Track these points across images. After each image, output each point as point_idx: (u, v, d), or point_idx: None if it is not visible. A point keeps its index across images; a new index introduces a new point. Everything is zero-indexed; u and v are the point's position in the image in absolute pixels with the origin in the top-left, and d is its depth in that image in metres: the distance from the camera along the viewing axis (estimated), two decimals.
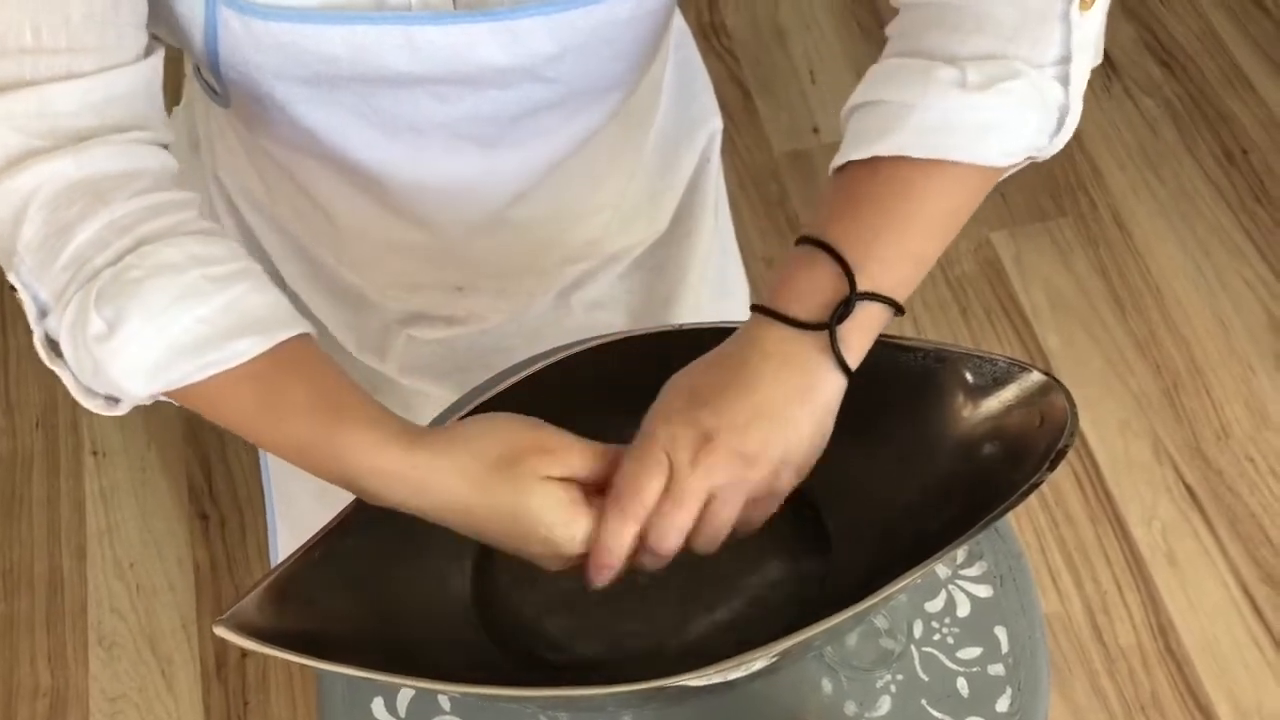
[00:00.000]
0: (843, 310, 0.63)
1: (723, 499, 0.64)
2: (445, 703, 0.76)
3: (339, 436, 0.63)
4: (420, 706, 0.75)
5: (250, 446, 1.57)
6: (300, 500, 1.03)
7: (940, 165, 0.64)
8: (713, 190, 1.07)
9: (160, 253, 0.62)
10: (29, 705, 1.43)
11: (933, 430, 0.70)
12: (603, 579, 0.64)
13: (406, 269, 0.99)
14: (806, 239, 0.65)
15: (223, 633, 0.60)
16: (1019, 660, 0.76)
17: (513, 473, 0.62)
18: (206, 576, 1.50)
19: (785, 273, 0.65)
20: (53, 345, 0.64)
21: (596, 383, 0.75)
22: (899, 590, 0.61)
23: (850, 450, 0.67)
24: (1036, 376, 0.67)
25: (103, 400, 0.65)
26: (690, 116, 1.07)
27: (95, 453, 1.59)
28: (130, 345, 0.61)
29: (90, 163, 0.63)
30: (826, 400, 0.64)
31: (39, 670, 1.45)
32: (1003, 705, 0.75)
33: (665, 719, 0.74)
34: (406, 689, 0.76)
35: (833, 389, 0.64)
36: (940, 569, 0.79)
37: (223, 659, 1.44)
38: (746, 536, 0.67)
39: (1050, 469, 0.62)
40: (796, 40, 1.95)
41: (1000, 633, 0.77)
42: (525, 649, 0.73)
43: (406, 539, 0.70)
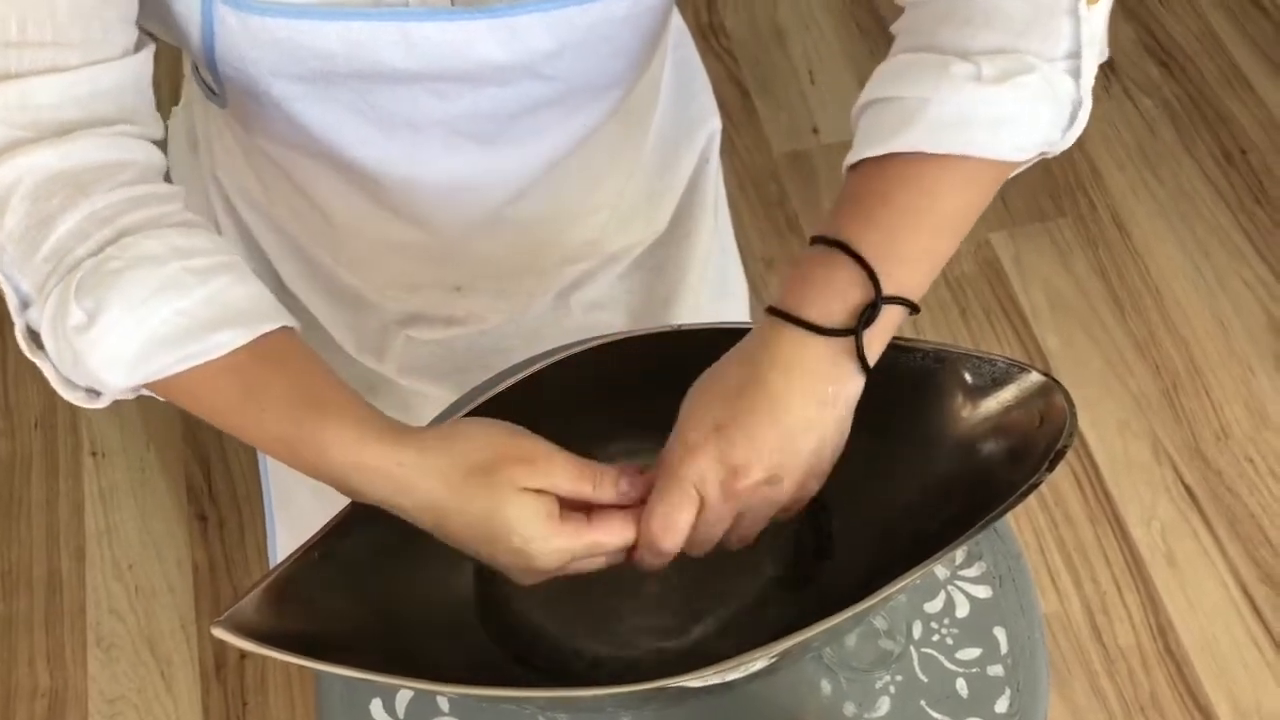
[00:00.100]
0: (868, 314, 0.62)
1: (751, 516, 0.65)
2: (444, 704, 0.75)
3: (321, 431, 0.62)
4: (419, 707, 0.75)
5: (249, 447, 1.57)
6: (299, 500, 1.03)
7: (956, 161, 0.63)
8: (712, 190, 1.07)
9: (141, 244, 0.62)
10: (28, 706, 1.42)
11: (932, 431, 0.70)
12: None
13: (405, 269, 0.98)
14: (823, 239, 0.64)
15: (221, 634, 0.60)
16: (1018, 661, 0.76)
17: (491, 480, 0.62)
18: (205, 577, 1.50)
19: (802, 274, 0.64)
20: (34, 337, 0.64)
21: (596, 383, 0.75)
22: (898, 591, 0.61)
23: (850, 451, 0.66)
24: (1035, 377, 0.67)
25: (83, 393, 0.65)
26: (689, 116, 1.06)
27: (94, 454, 1.59)
28: (109, 336, 0.60)
29: (73, 154, 0.63)
30: (848, 402, 0.64)
31: (38, 671, 1.45)
32: (1002, 706, 0.74)
33: None
34: (405, 690, 0.76)
35: (854, 390, 0.64)
36: (939, 569, 0.79)
37: (222, 660, 1.44)
38: None
39: (1049, 469, 0.62)
40: (795, 40, 1.95)
41: (999, 633, 0.77)
42: (524, 650, 0.73)
43: (405, 540, 0.70)
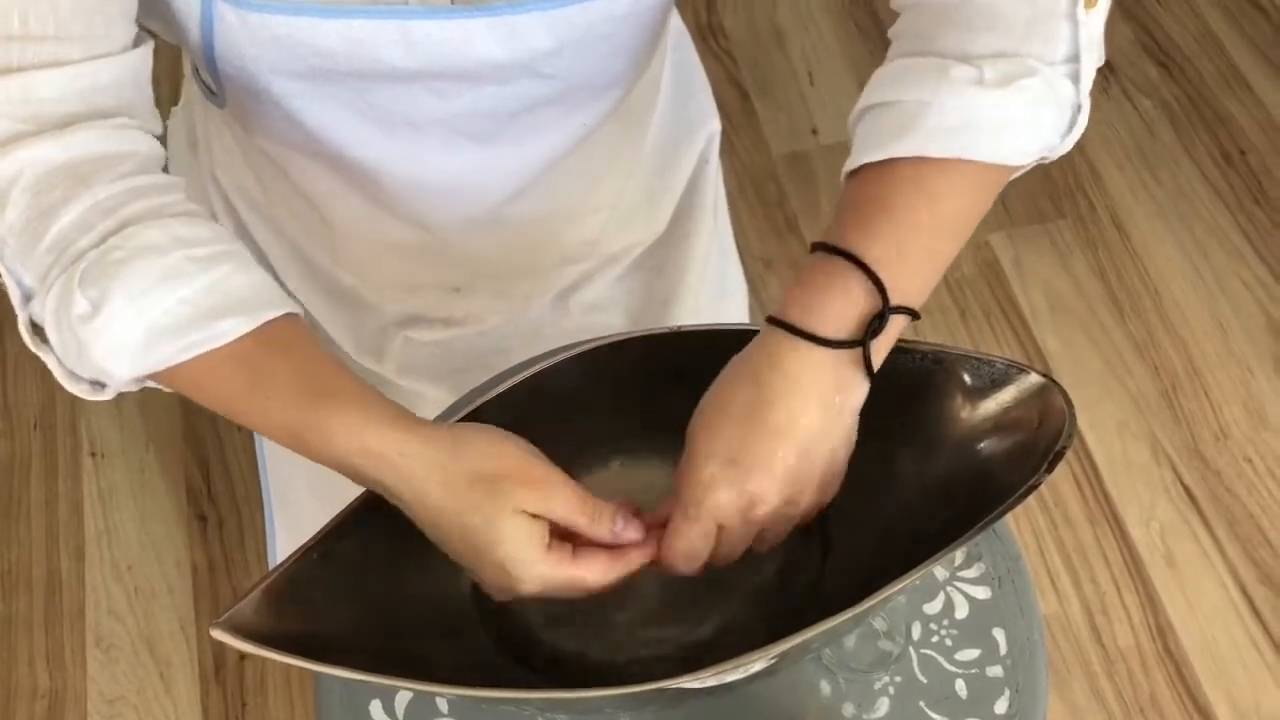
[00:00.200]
0: (876, 325, 0.62)
1: (770, 533, 0.67)
2: (443, 705, 0.75)
3: (327, 418, 0.62)
4: (418, 708, 0.75)
5: (248, 447, 1.57)
6: (298, 501, 1.03)
7: (958, 165, 0.63)
8: (711, 191, 1.07)
9: (143, 234, 0.62)
10: (27, 707, 1.42)
11: (931, 432, 0.70)
12: None
13: (403, 269, 0.98)
14: (826, 247, 0.64)
15: (220, 635, 0.60)
16: (1017, 662, 0.76)
17: (492, 493, 0.62)
18: (205, 578, 1.50)
19: (806, 284, 0.64)
20: (37, 330, 0.64)
21: (595, 385, 0.75)
22: (897, 592, 0.61)
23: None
24: (1034, 378, 0.67)
25: (88, 385, 0.65)
26: (688, 117, 1.06)
27: (93, 454, 1.59)
28: (113, 325, 0.60)
29: (74, 146, 0.63)
30: (855, 409, 0.65)
31: (37, 672, 1.45)
32: (1001, 707, 0.74)
33: None
34: (404, 691, 0.76)
35: (860, 398, 0.64)
36: (938, 570, 0.79)
37: (221, 661, 1.44)
38: None
39: (1048, 470, 0.62)
40: (795, 42, 1.95)
41: (999, 634, 0.77)
42: (523, 651, 0.73)
43: (404, 541, 0.70)
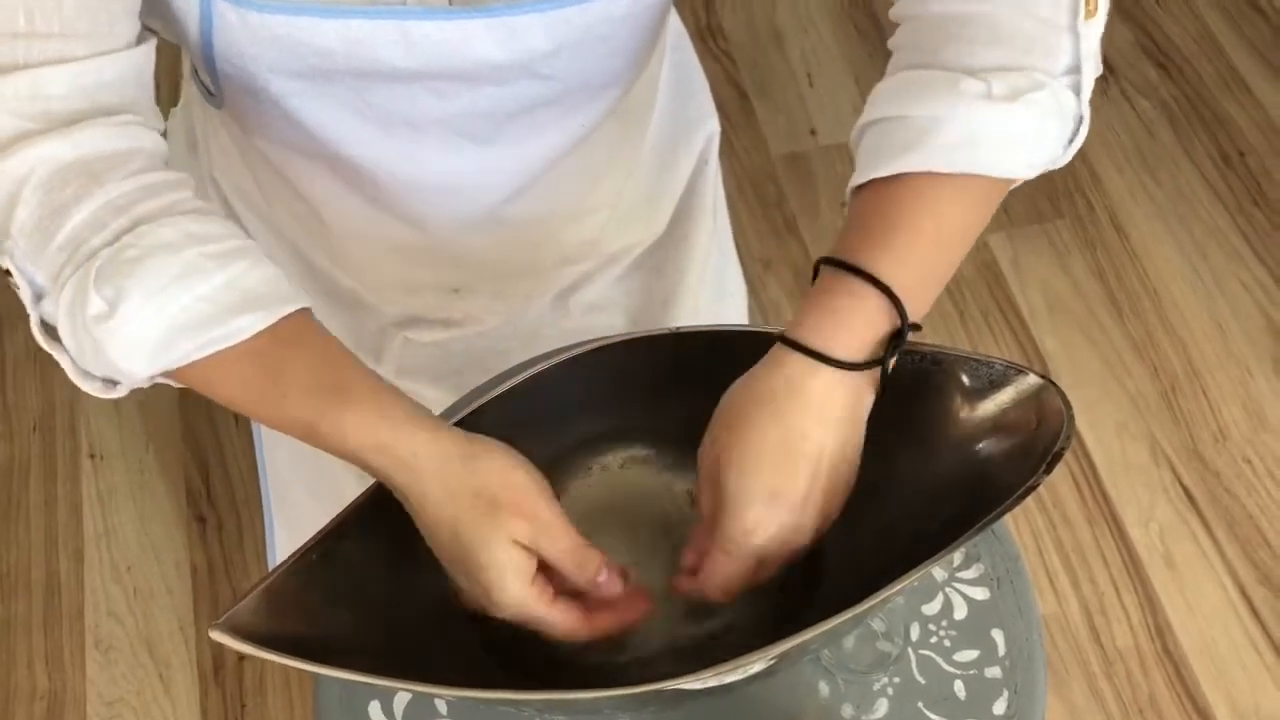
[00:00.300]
0: (894, 345, 0.64)
1: (800, 545, 0.68)
2: (442, 706, 0.75)
3: (342, 414, 0.63)
4: (417, 709, 0.75)
5: (248, 449, 1.57)
6: (298, 502, 1.03)
7: (966, 179, 0.64)
8: (710, 192, 1.07)
9: (157, 232, 0.62)
10: (26, 708, 1.42)
11: (930, 433, 0.70)
12: None
13: (402, 270, 0.98)
14: (839, 264, 0.64)
15: (219, 637, 0.60)
16: (1016, 663, 0.76)
17: (489, 514, 0.63)
18: (204, 579, 1.50)
19: (822, 305, 0.64)
20: (48, 329, 0.64)
21: (594, 386, 0.75)
22: (896, 593, 0.61)
23: None
24: (1033, 379, 0.67)
25: (100, 383, 0.65)
26: (687, 118, 1.07)
27: (93, 456, 1.59)
28: (130, 324, 0.61)
29: (84, 143, 0.63)
30: (865, 416, 0.66)
31: (36, 673, 1.44)
32: (1000, 708, 0.75)
33: None
34: (403, 692, 0.76)
35: (869, 407, 0.66)
36: (937, 571, 0.79)
37: (220, 662, 1.44)
38: None
39: (1047, 471, 0.62)
40: (794, 43, 1.95)
41: (997, 635, 0.77)
42: (522, 652, 0.73)
43: (404, 542, 0.70)
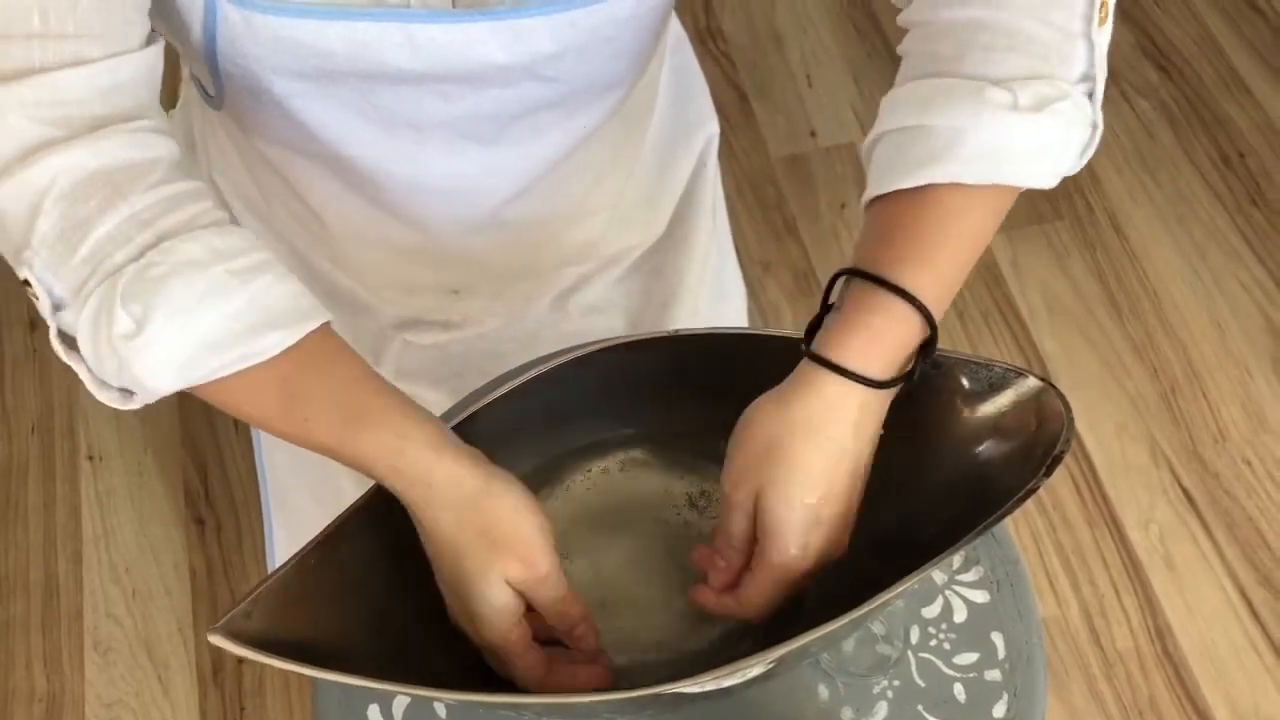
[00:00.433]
0: (923, 356, 0.65)
1: None
2: (441, 709, 0.75)
3: (361, 437, 0.64)
4: (416, 712, 0.75)
5: (246, 451, 1.57)
6: (297, 504, 1.03)
7: (991, 189, 0.64)
8: (710, 194, 1.07)
9: (181, 248, 0.62)
10: (25, 710, 1.42)
11: (929, 435, 0.70)
12: None
13: (402, 271, 0.98)
14: (872, 278, 0.64)
15: (217, 640, 0.60)
16: (1016, 665, 0.76)
17: (490, 551, 0.65)
18: (203, 581, 1.50)
19: (856, 324, 0.64)
20: (66, 339, 0.64)
21: (593, 388, 0.75)
22: (896, 596, 0.60)
23: None
24: (1033, 382, 0.67)
25: (116, 393, 0.65)
26: (687, 120, 1.07)
27: (91, 458, 1.59)
28: (157, 343, 0.61)
29: (106, 152, 0.62)
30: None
31: (35, 675, 1.44)
32: (999, 711, 0.74)
33: None
34: (402, 696, 0.76)
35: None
36: (937, 574, 0.79)
37: (219, 664, 1.44)
38: None
39: (1046, 474, 0.62)
40: (793, 44, 1.95)
41: (997, 638, 0.77)
42: None
43: (402, 545, 0.70)
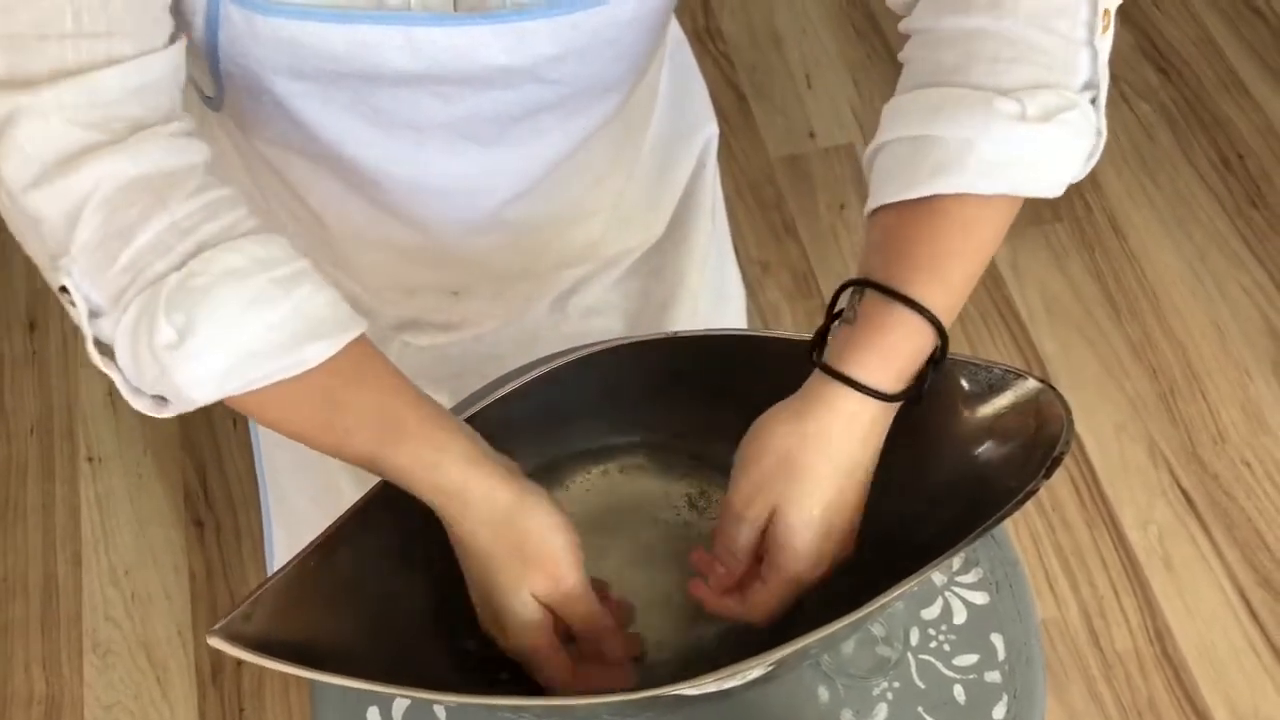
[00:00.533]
0: (934, 366, 0.65)
1: None
2: (440, 711, 0.75)
3: (399, 451, 0.65)
4: (415, 715, 0.75)
5: (246, 452, 1.57)
6: (296, 505, 1.03)
7: (999, 199, 0.64)
8: (709, 195, 1.07)
9: (223, 258, 0.62)
10: (23, 712, 1.42)
11: (928, 437, 0.70)
12: None
13: (402, 272, 0.98)
14: (887, 291, 0.64)
15: (216, 643, 0.60)
16: (1015, 667, 0.76)
17: (523, 567, 0.66)
18: (202, 583, 1.50)
19: (873, 338, 0.64)
20: (101, 346, 0.64)
21: (592, 390, 0.75)
22: (895, 597, 0.60)
23: None
24: (1032, 384, 0.67)
25: (150, 400, 0.65)
26: (686, 121, 1.07)
27: (90, 459, 1.59)
28: (201, 353, 0.61)
29: (145, 160, 0.62)
30: None
31: (33, 677, 1.44)
32: (999, 712, 0.74)
33: None
34: (401, 698, 0.76)
35: None
36: (936, 576, 0.79)
37: (218, 666, 1.44)
38: None
39: (1046, 476, 0.62)
40: (792, 45, 1.95)
41: (996, 640, 0.77)
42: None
43: (402, 547, 0.70)
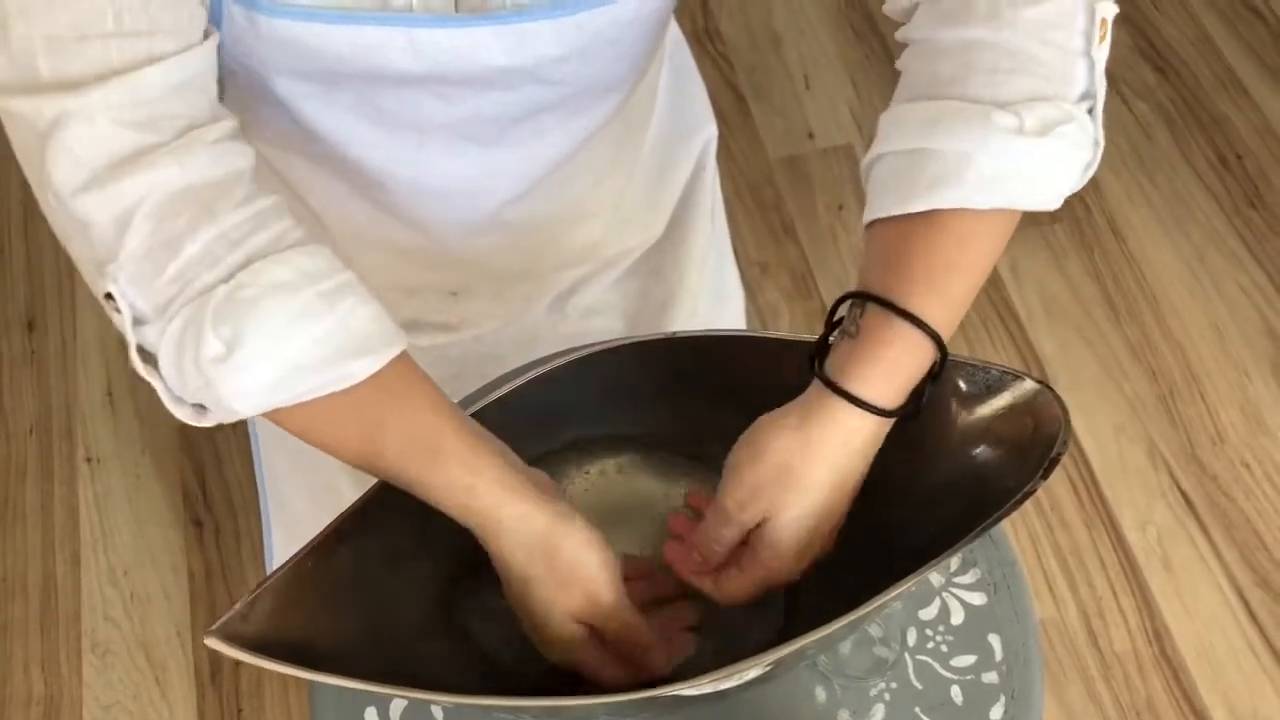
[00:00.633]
0: (932, 379, 0.65)
1: None
2: (438, 712, 0.75)
3: (434, 476, 0.66)
4: (413, 715, 0.75)
5: (245, 453, 1.57)
6: (295, 506, 1.03)
7: (998, 213, 0.64)
8: (708, 195, 1.07)
9: (270, 270, 0.62)
10: (22, 713, 1.42)
11: (926, 438, 0.70)
12: None
13: (402, 272, 0.98)
14: (889, 306, 0.64)
15: (214, 644, 0.60)
16: (1013, 668, 0.76)
17: (559, 588, 0.66)
18: (201, 584, 1.50)
19: (875, 354, 0.64)
20: (145, 354, 0.63)
21: (592, 390, 0.75)
22: (893, 598, 0.61)
23: None
24: (1030, 385, 0.67)
25: (191, 409, 0.65)
26: (685, 122, 1.07)
27: (89, 459, 1.59)
28: (247, 367, 0.61)
29: (193, 168, 0.62)
30: None
31: (32, 678, 1.44)
32: (996, 713, 0.75)
33: None
34: (399, 699, 0.76)
35: None
36: (934, 576, 0.79)
37: (217, 666, 1.44)
38: None
39: (1043, 477, 0.62)
40: (791, 46, 1.95)
41: (994, 640, 0.77)
42: (520, 658, 0.73)
43: (400, 548, 0.70)
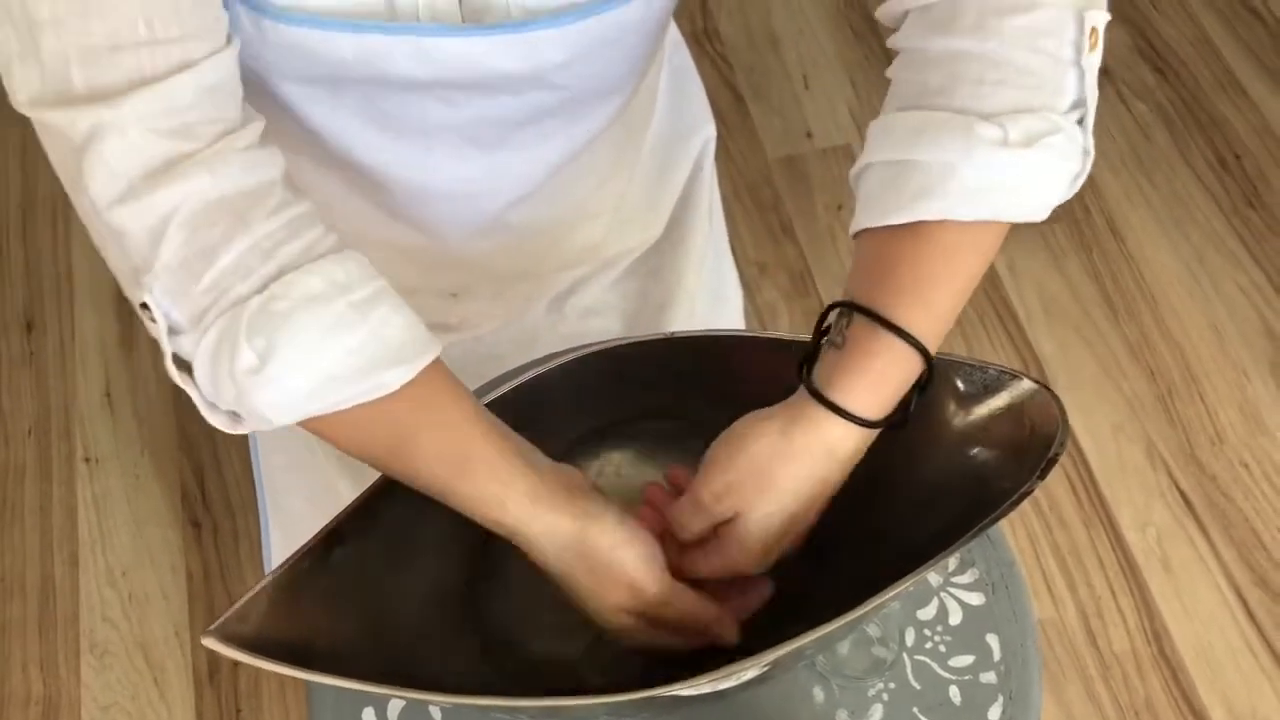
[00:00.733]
0: (917, 391, 0.66)
1: None
2: (436, 712, 0.75)
3: (462, 486, 0.66)
4: (411, 716, 0.75)
5: (243, 453, 1.57)
6: (293, 506, 1.03)
7: (984, 225, 0.64)
8: (707, 196, 1.07)
9: (304, 281, 0.62)
10: (21, 713, 1.42)
11: (924, 437, 0.70)
12: None
13: (402, 273, 0.98)
14: (876, 318, 0.64)
15: (212, 644, 0.60)
16: (1011, 668, 0.76)
17: (600, 585, 0.67)
18: (199, 584, 1.50)
19: (861, 366, 0.64)
20: (180, 363, 0.63)
21: (591, 390, 0.75)
22: (891, 598, 0.61)
23: None
24: (1027, 384, 0.67)
25: (225, 416, 0.65)
26: (684, 123, 1.07)
27: (88, 460, 1.59)
28: (282, 378, 0.61)
29: (224, 179, 0.62)
30: None
31: (31, 678, 1.44)
32: (995, 713, 0.75)
33: None
34: (397, 699, 0.76)
35: None
36: (932, 576, 0.79)
37: (215, 667, 1.44)
38: None
39: (1041, 477, 0.62)
40: (790, 46, 1.95)
41: (992, 640, 0.77)
42: (518, 659, 0.73)
43: (398, 548, 0.70)
